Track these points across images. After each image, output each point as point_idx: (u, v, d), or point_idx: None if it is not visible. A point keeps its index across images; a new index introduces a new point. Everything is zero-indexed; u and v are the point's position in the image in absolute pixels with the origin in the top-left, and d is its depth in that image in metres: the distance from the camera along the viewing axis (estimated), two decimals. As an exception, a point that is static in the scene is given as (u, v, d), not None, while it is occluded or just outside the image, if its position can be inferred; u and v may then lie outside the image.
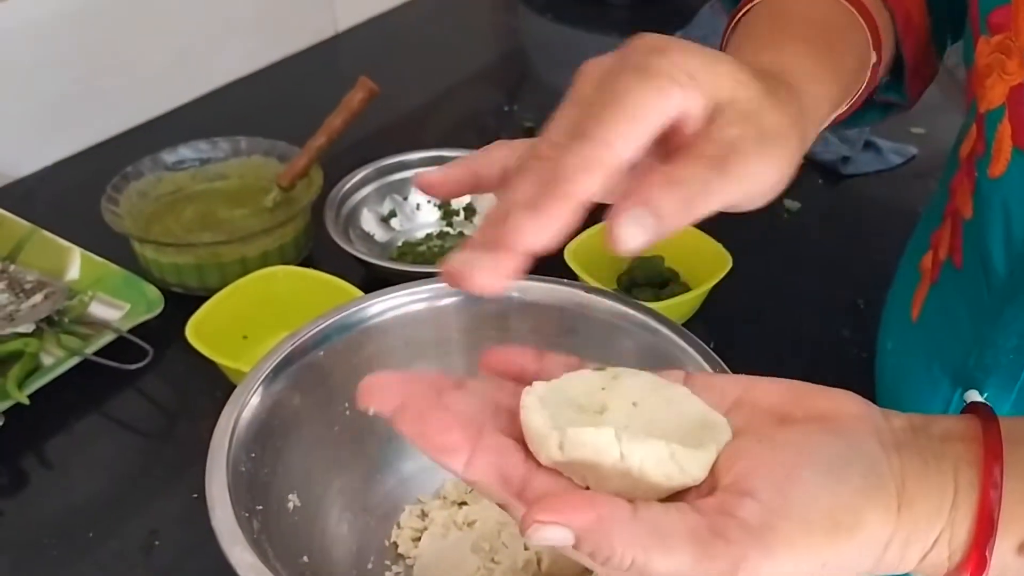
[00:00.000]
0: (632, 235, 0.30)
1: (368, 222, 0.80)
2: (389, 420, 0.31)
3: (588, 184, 0.30)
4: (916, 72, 0.51)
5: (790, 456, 0.30)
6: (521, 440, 0.31)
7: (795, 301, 0.76)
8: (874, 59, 0.46)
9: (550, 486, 0.30)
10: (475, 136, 1.00)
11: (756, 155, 0.32)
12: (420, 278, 0.60)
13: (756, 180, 0.33)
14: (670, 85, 0.31)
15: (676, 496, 0.31)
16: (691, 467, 0.30)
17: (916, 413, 0.33)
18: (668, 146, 0.33)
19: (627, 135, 0.30)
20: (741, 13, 0.48)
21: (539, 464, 0.31)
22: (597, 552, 0.28)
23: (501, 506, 0.30)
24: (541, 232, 0.29)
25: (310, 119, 0.83)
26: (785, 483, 0.29)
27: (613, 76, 0.32)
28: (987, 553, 0.30)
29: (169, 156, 0.80)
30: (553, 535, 0.28)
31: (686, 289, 0.72)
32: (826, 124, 0.44)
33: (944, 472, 0.31)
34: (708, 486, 0.31)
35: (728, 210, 0.33)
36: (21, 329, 0.67)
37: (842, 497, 0.30)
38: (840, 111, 0.46)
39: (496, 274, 0.29)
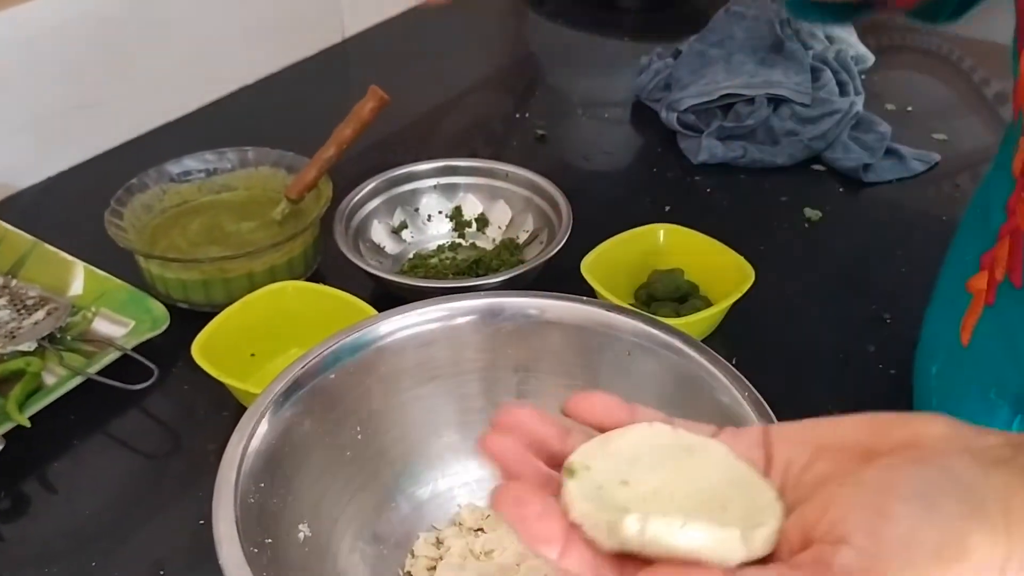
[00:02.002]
0: None
1: (378, 234, 0.78)
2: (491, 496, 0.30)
3: None
4: None
5: (879, 494, 0.29)
6: None
7: (818, 314, 0.74)
8: None
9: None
10: (485, 143, 0.98)
11: None
12: (432, 293, 0.59)
13: None
14: None
15: (768, 558, 0.29)
16: (758, 547, 0.28)
17: (1013, 432, 0.31)
18: None
19: None
20: None
21: None
22: None
23: None
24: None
25: (318, 127, 0.81)
26: (878, 523, 0.28)
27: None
28: None
29: (174, 167, 0.78)
30: None
31: (706, 303, 0.70)
32: None
33: None
34: (801, 540, 0.29)
35: None
36: (23, 347, 0.65)
37: (940, 527, 0.28)
38: None
39: None
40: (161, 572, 0.54)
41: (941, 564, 0.28)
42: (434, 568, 0.51)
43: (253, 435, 0.45)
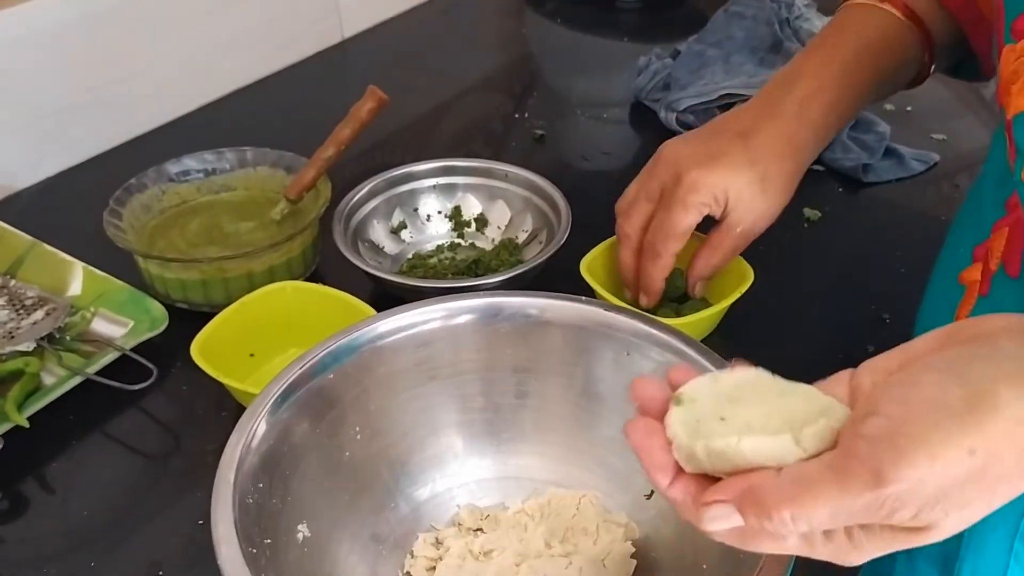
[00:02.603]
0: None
1: (377, 234, 0.78)
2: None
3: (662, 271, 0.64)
4: (988, 58, 0.55)
5: (913, 370, 0.31)
6: None
7: (817, 315, 0.74)
8: (924, 58, 0.62)
9: None
10: (484, 144, 0.98)
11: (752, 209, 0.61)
12: (431, 293, 0.59)
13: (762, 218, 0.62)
14: (702, 209, 0.62)
15: None
16: (810, 443, 0.32)
17: None
18: None
19: (676, 246, 0.63)
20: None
21: None
22: (758, 518, 0.31)
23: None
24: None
25: (316, 127, 0.81)
26: (906, 391, 0.30)
27: (661, 205, 0.64)
28: None
29: (173, 167, 0.78)
30: (719, 512, 0.32)
31: (706, 303, 0.70)
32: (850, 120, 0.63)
33: None
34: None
35: None
36: (21, 347, 0.65)
37: (968, 386, 0.30)
38: (881, 99, 0.64)
39: None
40: (160, 572, 0.54)
41: (969, 414, 0.29)
42: (433, 568, 0.51)
43: (252, 436, 0.45)
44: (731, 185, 0.60)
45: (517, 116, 1.03)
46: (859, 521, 0.31)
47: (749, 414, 0.34)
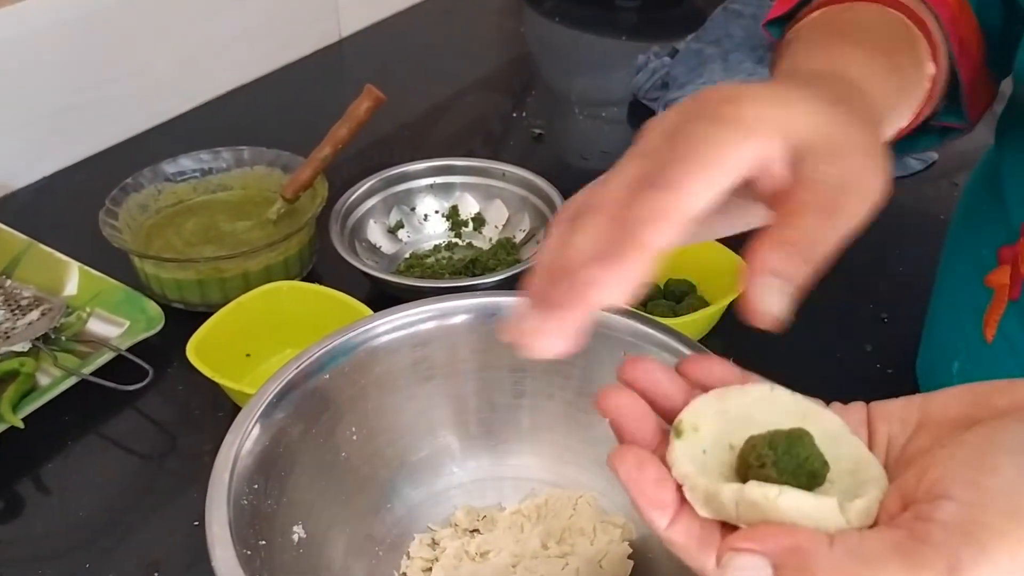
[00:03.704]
0: (774, 304, 0.30)
1: (374, 234, 0.77)
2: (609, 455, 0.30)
3: (664, 235, 0.29)
4: (974, 93, 0.49)
5: (980, 450, 0.28)
6: None
7: (815, 314, 0.73)
8: (931, 70, 0.44)
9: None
10: (482, 143, 0.98)
11: (860, 184, 0.32)
12: (428, 293, 0.58)
13: (867, 204, 0.32)
14: (747, 133, 0.30)
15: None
16: (856, 519, 0.28)
17: None
18: (758, 189, 0.32)
19: (703, 183, 0.29)
20: (794, 27, 0.47)
21: None
22: None
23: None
24: (617, 285, 0.28)
25: (314, 126, 0.81)
26: (979, 475, 0.27)
27: (683, 127, 0.30)
28: None
29: (169, 167, 0.77)
30: (748, 563, 0.27)
31: (703, 303, 0.69)
32: (891, 129, 0.43)
33: None
34: (901, 506, 0.28)
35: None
36: (17, 348, 0.65)
37: None
38: (903, 123, 0.43)
39: (563, 336, 0.29)
40: (156, 573, 0.54)
41: None
42: (430, 569, 0.51)
43: (247, 437, 0.45)
44: (809, 123, 0.31)
45: (515, 115, 1.02)
46: None
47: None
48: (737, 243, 0.69)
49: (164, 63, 0.96)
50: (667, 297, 0.70)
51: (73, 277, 0.71)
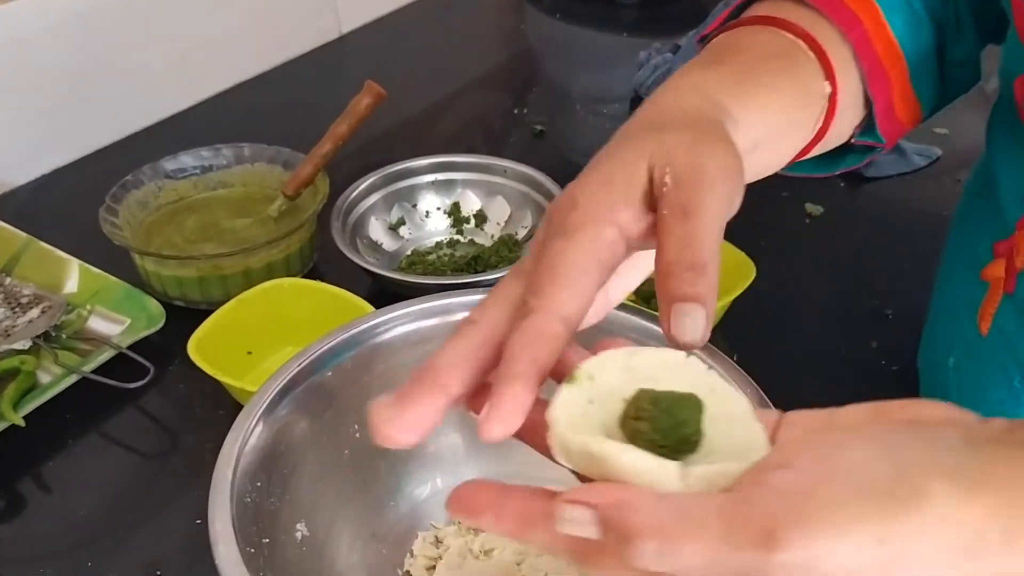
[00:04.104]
0: (694, 329, 0.30)
1: (376, 231, 0.77)
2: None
3: (544, 354, 0.30)
4: (889, 114, 0.48)
5: (842, 434, 0.27)
6: None
7: (819, 310, 0.73)
8: (827, 88, 0.44)
9: None
10: (483, 139, 0.98)
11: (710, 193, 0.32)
12: (431, 290, 0.58)
13: (726, 207, 0.33)
14: (593, 234, 0.32)
15: None
16: (696, 484, 0.28)
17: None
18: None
19: (572, 295, 0.31)
20: (709, 39, 0.48)
21: None
22: (619, 539, 0.26)
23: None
24: (502, 425, 0.29)
25: (314, 123, 0.80)
26: (826, 450, 0.26)
27: (545, 245, 0.33)
28: None
29: (170, 164, 0.77)
30: (577, 515, 0.26)
31: (707, 299, 0.69)
32: (785, 157, 0.44)
33: None
34: (751, 477, 0.27)
35: None
36: (17, 346, 0.65)
37: (900, 466, 0.26)
38: (800, 136, 0.44)
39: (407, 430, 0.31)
40: (158, 572, 0.54)
41: (889, 501, 0.25)
42: (433, 567, 0.51)
43: (249, 434, 0.45)
44: (656, 148, 0.34)
45: (516, 112, 1.02)
46: None
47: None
48: (740, 239, 0.69)
49: (162, 60, 0.96)
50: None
51: (73, 275, 0.71)
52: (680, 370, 0.31)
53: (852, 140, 0.50)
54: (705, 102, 0.38)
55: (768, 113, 0.41)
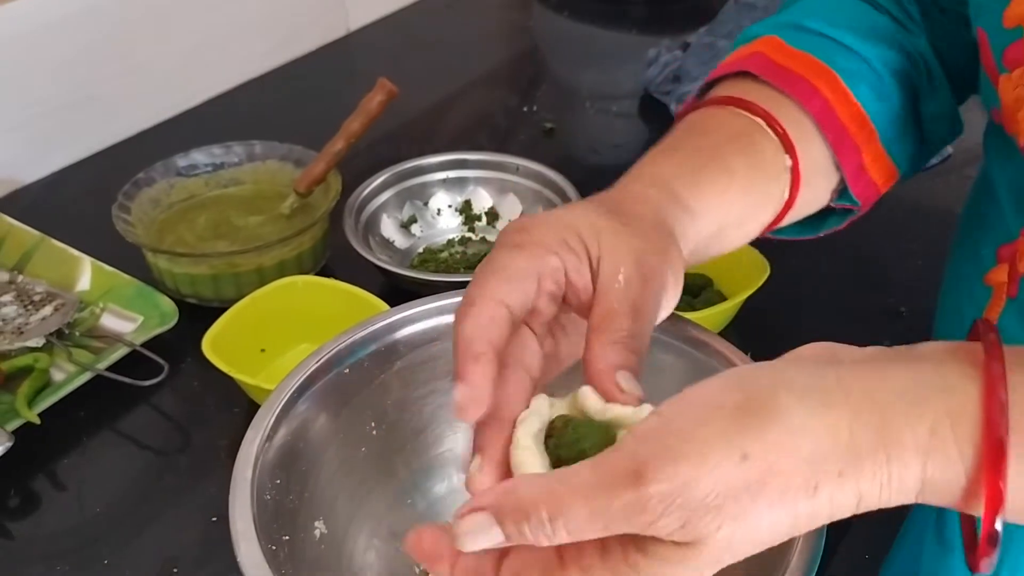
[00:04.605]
0: (629, 389, 0.34)
1: (388, 229, 0.77)
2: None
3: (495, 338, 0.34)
4: (859, 177, 0.49)
5: (703, 380, 0.30)
6: None
7: (833, 308, 0.73)
8: (788, 162, 0.46)
9: None
10: (493, 137, 0.97)
11: (655, 280, 0.36)
12: (445, 287, 0.58)
13: (666, 296, 0.37)
14: (532, 252, 0.36)
15: None
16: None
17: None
18: (570, 304, 0.37)
19: (511, 292, 0.35)
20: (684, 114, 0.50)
21: None
22: (516, 523, 0.28)
23: None
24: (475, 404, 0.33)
25: (322, 120, 0.80)
26: (686, 394, 0.29)
27: (492, 255, 0.36)
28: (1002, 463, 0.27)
29: (181, 161, 0.77)
30: (474, 522, 0.28)
31: (721, 297, 0.69)
32: (752, 232, 0.47)
33: (923, 369, 0.29)
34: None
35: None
36: (31, 343, 0.65)
37: (748, 390, 0.28)
38: (766, 211, 0.46)
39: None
40: (174, 569, 0.53)
41: (745, 421, 0.27)
42: (450, 565, 0.50)
43: (269, 431, 0.45)
44: (613, 242, 0.37)
45: (526, 109, 1.02)
46: (622, 528, 0.27)
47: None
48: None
49: (173, 57, 0.95)
50: (684, 291, 0.70)
51: (85, 272, 0.71)
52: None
53: (831, 204, 0.51)
54: (664, 196, 0.41)
55: (725, 200, 0.43)
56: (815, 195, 0.49)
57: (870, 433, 0.28)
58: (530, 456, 0.32)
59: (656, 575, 0.28)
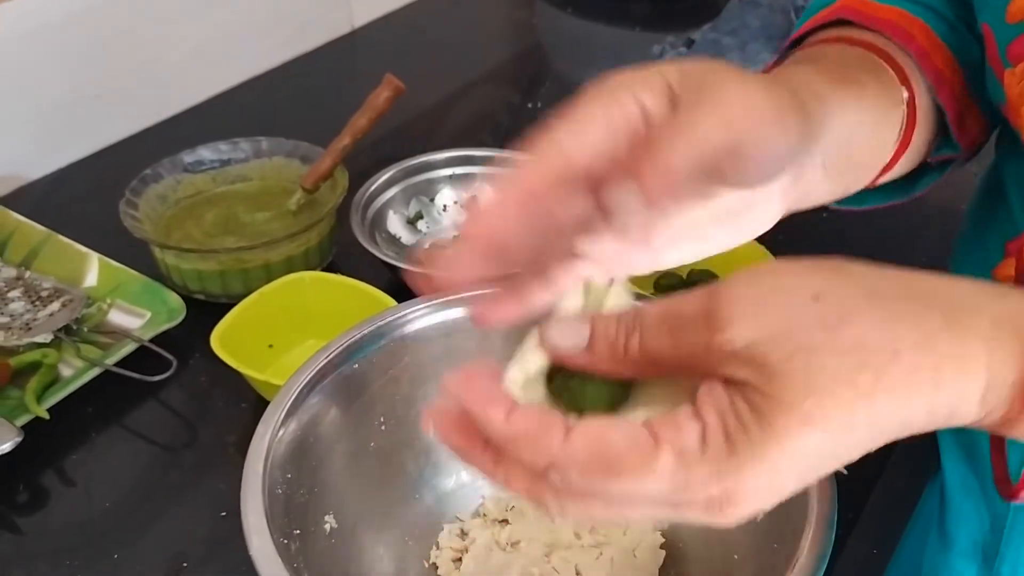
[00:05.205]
0: (630, 215, 0.32)
1: (394, 225, 0.77)
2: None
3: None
4: (961, 120, 0.49)
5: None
6: None
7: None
8: (905, 95, 0.45)
9: None
10: (495, 134, 0.97)
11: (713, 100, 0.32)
12: (451, 284, 0.58)
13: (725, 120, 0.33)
14: (618, 88, 0.33)
15: None
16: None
17: None
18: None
19: (568, 136, 0.32)
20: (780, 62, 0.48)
21: None
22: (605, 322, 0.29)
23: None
24: None
25: (326, 117, 0.80)
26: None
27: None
28: None
29: (188, 157, 0.77)
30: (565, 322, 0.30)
31: (726, 293, 0.69)
32: (876, 160, 0.44)
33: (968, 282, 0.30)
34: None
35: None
36: (39, 339, 0.65)
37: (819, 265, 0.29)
38: (888, 144, 0.44)
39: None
40: (184, 564, 0.54)
41: (814, 270, 0.29)
42: (459, 560, 0.51)
43: (280, 426, 0.45)
44: (674, 70, 0.35)
45: (529, 106, 1.02)
46: (691, 339, 0.28)
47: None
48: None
49: (178, 53, 0.95)
50: (690, 287, 0.70)
51: (93, 268, 0.71)
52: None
53: (931, 158, 0.50)
54: (796, 82, 0.38)
55: (861, 105, 0.41)
56: (921, 141, 0.48)
57: (938, 318, 0.28)
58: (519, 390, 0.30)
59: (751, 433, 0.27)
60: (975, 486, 0.49)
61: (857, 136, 0.42)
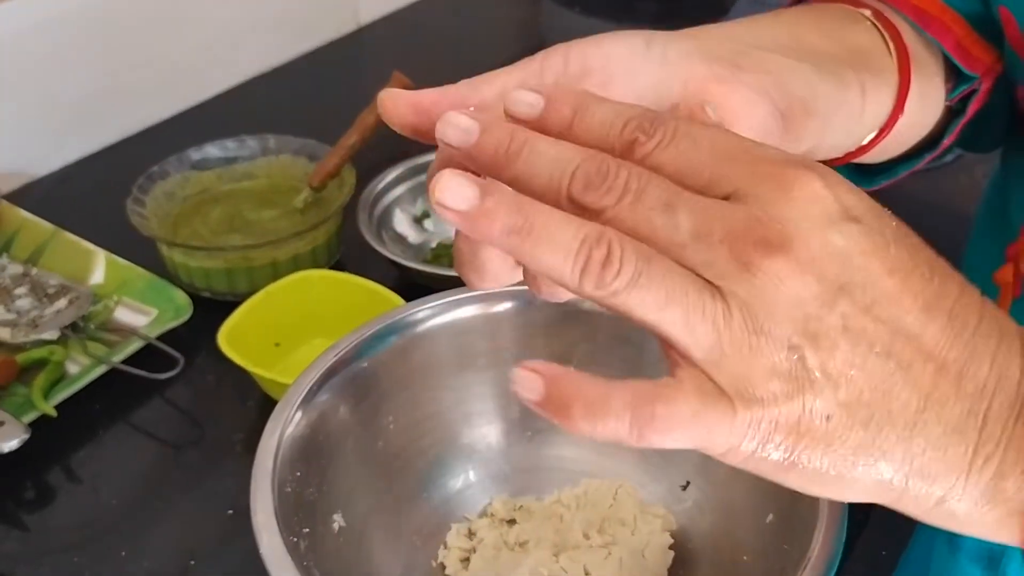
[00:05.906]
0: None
1: (401, 223, 0.77)
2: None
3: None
4: (962, 50, 0.45)
5: None
6: None
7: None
8: (887, 34, 0.43)
9: None
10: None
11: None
12: (457, 282, 0.58)
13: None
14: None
15: None
16: None
17: None
18: None
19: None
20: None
21: None
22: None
23: None
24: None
25: (332, 114, 0.80)
26: None
27: None
28: None
29: (195, 154, 0.77)
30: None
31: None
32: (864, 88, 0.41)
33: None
34: None
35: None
36: (45, 336, 0.65)
37: None
38: (890, 82, 0.42)
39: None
40: (192, 562, 0.54)
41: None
42: (467, 560, 0.51)
43: (289, 423, 0.45)
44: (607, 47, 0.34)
45: (536, 104, 1.02)
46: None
47: None
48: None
49: (185, 50, 0.95)
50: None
51: (99, 265, 0.71)
52: None
53: (948, 103, 0.47)
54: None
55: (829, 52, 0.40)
56: (931, 85, 0.45)
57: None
58: None
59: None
60: None
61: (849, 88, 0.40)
